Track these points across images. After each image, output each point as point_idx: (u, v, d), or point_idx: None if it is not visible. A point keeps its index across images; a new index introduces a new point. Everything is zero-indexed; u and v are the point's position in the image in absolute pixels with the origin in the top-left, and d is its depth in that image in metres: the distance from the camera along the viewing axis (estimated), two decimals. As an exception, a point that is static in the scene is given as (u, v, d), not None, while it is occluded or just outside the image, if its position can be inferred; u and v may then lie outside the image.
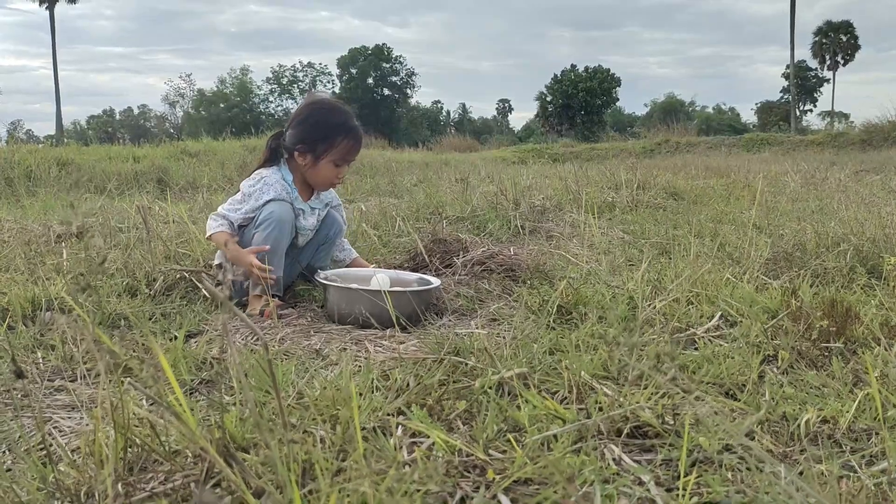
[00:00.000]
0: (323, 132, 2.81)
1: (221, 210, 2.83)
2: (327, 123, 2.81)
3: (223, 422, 1.38)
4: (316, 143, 2.80)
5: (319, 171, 2.84)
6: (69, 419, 1.68)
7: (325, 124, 2.81)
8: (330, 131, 2.81)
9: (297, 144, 2.80)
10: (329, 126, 2.81)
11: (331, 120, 2.82)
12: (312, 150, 2.80)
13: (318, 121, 2.81)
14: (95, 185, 7.76)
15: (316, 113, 2.84)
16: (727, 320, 2.24)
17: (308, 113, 2.84)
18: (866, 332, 1.90)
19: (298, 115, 2.86)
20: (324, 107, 2.87)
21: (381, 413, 1.54)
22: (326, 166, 2.83)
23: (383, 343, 2.28)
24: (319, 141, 2.80)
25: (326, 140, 2.80)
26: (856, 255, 2.83)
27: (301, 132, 2.81)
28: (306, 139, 2.80)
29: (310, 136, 2.80)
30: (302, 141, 2.80)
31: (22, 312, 2.49)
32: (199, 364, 2.07)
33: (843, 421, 1.41)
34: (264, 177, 2.82)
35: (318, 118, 2.82)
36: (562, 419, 1.43)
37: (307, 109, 2.86)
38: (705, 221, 4.53)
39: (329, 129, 2.81)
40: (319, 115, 2.83)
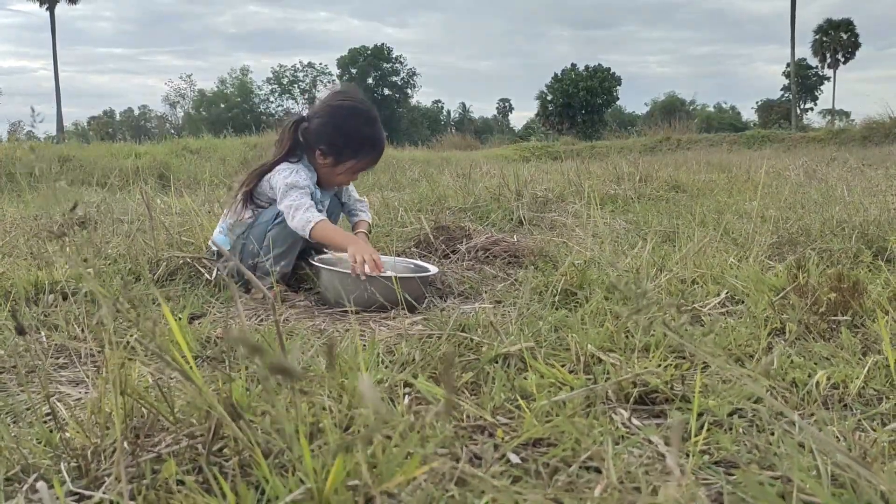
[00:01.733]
0: (351, 142, 2.74)
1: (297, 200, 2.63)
2: (358, 134, 2.74)
3: (230, 389, 1.38)
4: (342, 151, 2.74)
5: (336, 174, 2.80)
6: (75, 392, 1.67)
7: (356, 134, 2.74)
8: (359, 144, 2.75)
9: (322, 145, 2.73)
10: (359, 138, 2.75)
11: (362, 132, 2.75)
12: (336, 155, 2.74)
13: (350, 130, 2.73)
14: (97, 180, 7.75)
15: (349, 120, 2.73)
16: (733, 298, 2.24)
17: (340, 118, 2.73)
18: (874, 305, 1.89)
19: (329, 112, 2.75)
20: (357, 114, 2.75)
21: (387, 383, 1.54)
22: (345, 172, 2.80)
23: (388, 323, 2.27)
24: (345, 149, 2.74)
25: (353, 151, 2.75)
26: (861, 237, 2.83)
27: (329, 135, 2.72)
28: (333, 143, 2.72)
29: (337, 142, 2.72)
30: (328, 143, 2.72)
31: (25, 295, 2.48)
32: (203, 343, 2.07)
33: (853, 386, 1.40)
34: (296, 170, 2.72)
35: (350, 127, 2.73)
36: (570, 386, 1.43)
37: (340, 113, 2.74)
38: (708, 212, 4.52)
39: (358, 142, 2.75)
40: (352, 123, 2.73)
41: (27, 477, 1.13)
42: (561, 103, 48.97)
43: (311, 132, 2.74)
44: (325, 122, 2.72)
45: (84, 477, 1.13)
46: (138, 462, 1.14)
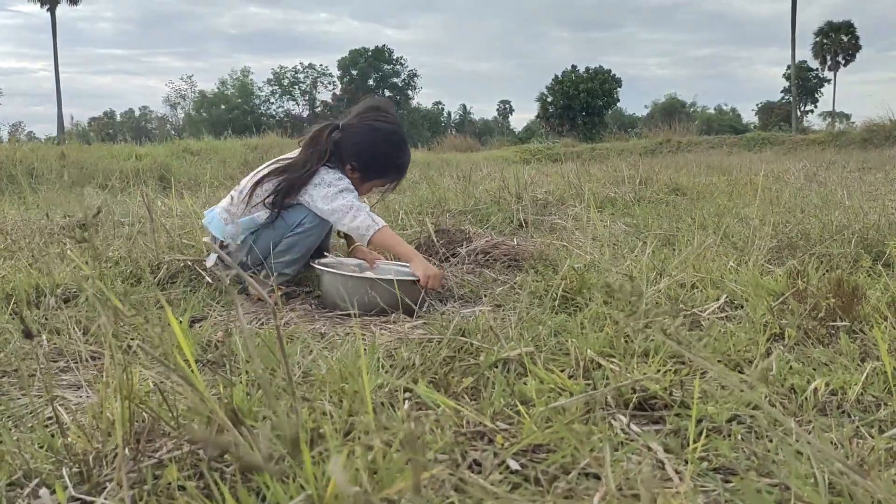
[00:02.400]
0: (382, 166, 2.81)
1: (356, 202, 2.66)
2: (389, 159, 2.81)
3: (231, 394, 1.38)
4: (370, 171, 2.80)
5: (361, 189, 2.83)
6: (76, 397, 1.68)
7: (388, 160, 2.81)
8: (388, 169, 2.84)
9: (354, 161, 2.77)
10: (390, 164, 2.82)
11: (394, 157, 2.82)
12: (364, 172, 2.80)
13: (383, 154, 2.80)
14: (98, 182, 7.76)
15: (385, 145, 2.79)
16: (732, 303, 2.24)
17: (378, 140, 2.78)
18: (873, 311, 1.90)
19: (367, 131, 2.78)
20: (393, 140, 2.81)
21: (387, 388, 1.54)
22: (367, 188, 2.87)
23: (389, 327, 2.28)
24: (375, 171, 2.81)
25: (381, 173, 2.83)
26: (860, 242, 2.83)
27: (363, 153, 2.77)
28: (364, 162, 2.78)
29: (368, 163, 2.78)
30: (359, 161, 2.77)
31: (26, 298, 2.49)
32: (204, 346, 2.07)
33: (851, 392, 1.41)
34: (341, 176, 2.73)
35: (384, 151, 2.79)
36: (569, 392, 1.43)
37: (378, 135, 2.78)
38: (708, 215, 4.52)
39: (388, 167, 2.83)
40: (387, 148, 2.80)
41: (29, 482, 1.14)
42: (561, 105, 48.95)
43: (347, 145, 2.76)
44: (362, 141, 2.76)
45: (86, 482, 1.14)
46: (140, 467, 1.15)
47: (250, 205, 2.75)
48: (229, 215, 2.80)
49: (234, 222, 2.77)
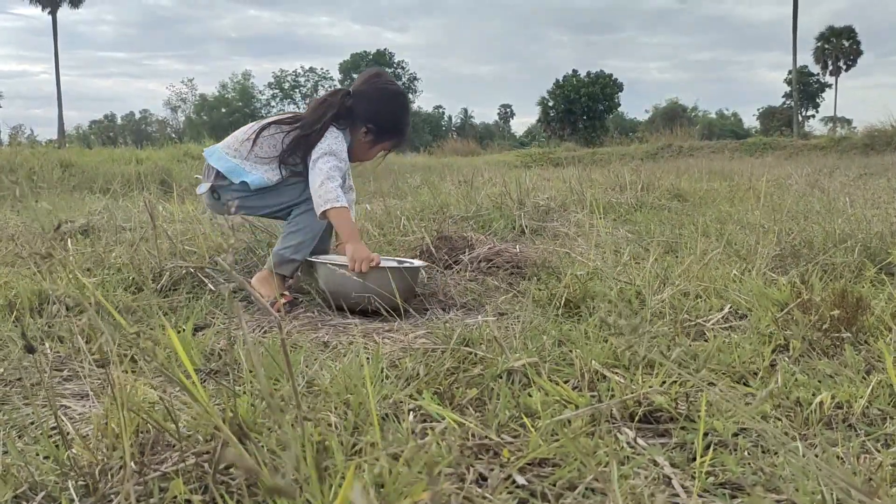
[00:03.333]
0: (395, 126, 2.92)
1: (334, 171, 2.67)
2: (401, 121, 2.93)
3: (235, 405, 1.38)
4: (384, 132, 2.89)
5: (370, 152, 2.96)
6: (80, 406, 1.68)
7: (400, 121, 2.93)
8: (400, 128, 2.94)
9: (369, 123, 2.85)
10: (401, 123, 2.94)
11: (404, 119, 2.95)
12: (377, 135, 2.89)
13: (395, 115, 2.91)
14: (99, 186, 7.76)
15: (398, 107, 2.92)
16: (736, 313, 2.24)
17: (390, 101, 2.90)
18: (877, 322, 1.90)
19: (379, 94, 2.87)
20: (403, 103, 2.95)
21: (392, 399, 1.54)
22: (377, 151, 2.96)
23: (391, 335, 2.28)
24: (388, 132, 2.91)
25: (393, 134, 2.93)
26: (864, 251, 2.83)
27: (376, 115, 2.85)
28: (378, 123, 2.86)
29: (382, 123, 2.87)
30: (375, 122, 2.86)
31: (29, 305, 2.49)
32: (207, 355, 2.07)
33: (857, 406, 1.40)
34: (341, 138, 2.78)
35: (396, 112, 2.91)
36: (574, 404, 1.43)
37: (389, 97, 2.90)
38: (710, 222, 4.52)
39: (400, 126, 2.94)
40: (399, 109, 2.93)
41: (35, 495, 1.14)
42: (562, 109, 48.97)
43: (361, 108, 2.83)
44: (376, 102, 2.85)
45: (91, 495, 1.13)
46: (145, 480, 1.14)
47: (253, 151, 2.78)
48: (234, 152, 2.82)
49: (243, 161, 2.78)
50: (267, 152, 2.79)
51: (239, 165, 2.77)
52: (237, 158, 2.79)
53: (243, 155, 2.79)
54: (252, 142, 2.78)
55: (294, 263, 2.76)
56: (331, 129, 2.77)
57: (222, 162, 2.80)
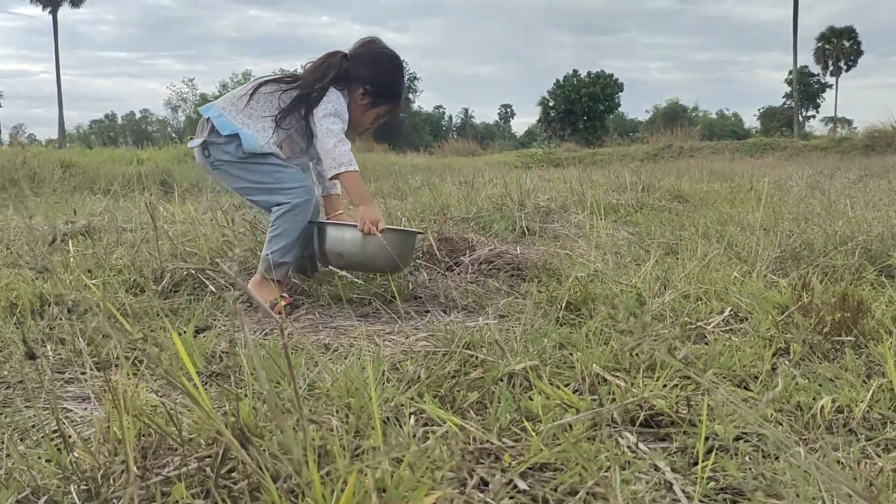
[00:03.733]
0: (391, 89, 2.92)
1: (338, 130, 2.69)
2: (397, 84, 2.94)
3: (237, 409, 1.38)
4: (380, 95, 2.88)
5: (366, 116, 2.92)
6: (81, 409, 1.68)
7: (396, 84, 2.94)
8: (396, 92, 2.95)
9: (368, 84, 2.84)
10: (398, 87, 2.95)
11: (400, 83, 2.96)
12: (374, 98, 2.87)
13: (392, 79, 2.92)
14: (100, 187, 7.76)
15: (395, 69, 2.93)
16: (737, 315, 2.24)
17: (387, 65, 2.91)
18: (878, 325, 1.90)
19: (376, 57, 2.88)
20: (399, 65, 2.95)
21: (393, 403, 1.54)
22: (372, 115, 2.93)
23: (393, 338, 2.28)
24: (384, 95, 2.89)
25: (389, 98, 2.92)
26: (864, 253, 2.83)
27: (374, 78, 2.85)
28: (376, 86, 2.85)
29: (379, 86, 2.86)
30: (373, 84, 2.85)
31: (30, 307, 2.49)
32: (209, 357, 2.07)
33: (857, 410, 1.40)
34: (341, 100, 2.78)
35: (394, 75, 2.92)
36: (575, 408, 1.43)
37: (386, 60, 2.91)
38: (711, 223, 4.53)
39: (396, 90, 2.94)
40: (396, 73, 2.94)
41: (37, 499, 1.14)
42: (563, 109, 48.90)
43: (359, 70, 2.83)
44: (373, 65, 2.86)
45: (94, 499, 1.14)
46: (147, 485, 1.15)
47: (249, 106, 2.75)
48: (230, 107, 2.78)
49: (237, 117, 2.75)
50: (262, 110, 2.76)
51: (232, 120, 2.74)
52: (232, 113, 2.76)
53: (239, 109, 2.75)
54: (249, 97, 2.76)
55: (284, 266, 2.73)
56: (331, 89, 2.76)
57: (214, 112, 2.76)
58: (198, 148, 2.82)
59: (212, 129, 2.75)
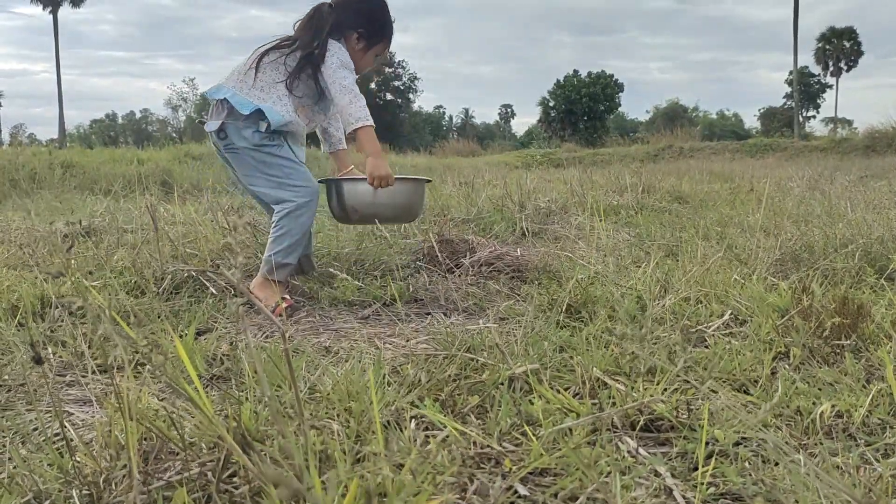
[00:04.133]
0: (383, 28, 2.96)
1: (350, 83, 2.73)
2: (385, 21, 2.97)
3: (239, 413, 1.39)
4: (374, 36, 2.93)
5: (366, 59, 2.97)
6: (82, 412, 1.68)
7: (384, 21, 2.97)
8: (386, 28, 2.98)
9: (360, 27, 2.88)
10: (386, 23, 2.98)
11: (387, 18, 2.99)
12: (369, 39, 2.92)
13: (381, 16, 2.95)
14: (100, 187, 7.77)
15: (381, 8, 2.95)
16: (737, 319, 2.25)
17: (373, 4, 2.94)
18: (878, 329, 1.90)
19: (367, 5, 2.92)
20: (384, 4, 2.97)
21: (394, 407, 1.55)
22: (370, 56, 2.98)
23: (393, 340, 2.29)
24: (377, 34, 2.94)
25: (381, 35, 2.96)
26: (864, 256, 2.83)
27: (363, 20, 2.89)
28: (367, 27, 2.90)
29: (370, 27, 2.91)
30: (366, 26, 2.89)
31: (32, 309, 2.49)
32: (210, 360, 2.08)
33: (857, 415, 1.41)
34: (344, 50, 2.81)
35: (382, 13, 2.96)
36: (576, 413, 1.43)
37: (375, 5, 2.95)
38: (711, 224, 4.53)
39: (385, 27, 2.98)
40: (384, 10, 2.96)
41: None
42: (563, 109, 48.90)
43: (349, 15, 2.86)
44: (361, 7, 2.90)
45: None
46: (149, 489, 1.15)
47: (259, 79, 2.74)
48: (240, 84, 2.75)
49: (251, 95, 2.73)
50: (272, 79, 2.76)
51: (247, 97, 2.71)
52: (244, 90, 2.72)
53: (249, 85, 2.73)
54: (255, 70, 2.75)
55: (287, 267, 2.73)
56: (330, 41, 2.78)
57: (228, 93, 2.72)
58: (214, 133, 2.79)
59: (230, 110, 2.72)
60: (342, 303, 2.82)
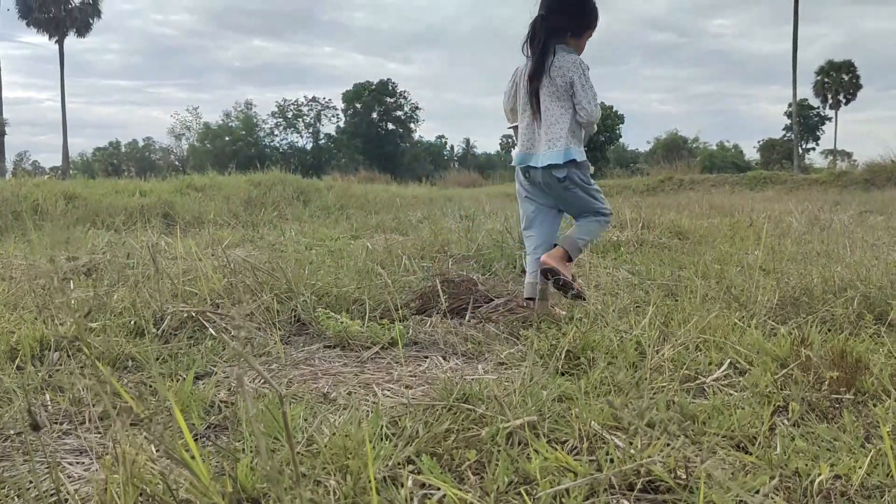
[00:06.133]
0: (593, 16, 3.25)
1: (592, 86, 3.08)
2: (593, 9, 3.25)
3: (235, 471, 1.38)
4: (590, 27, 3.24)
5: (583, 43, 3.25)
6: (78, 464, 1.68)
7: (593, 9, 3.25)
8: (596, 14, 3.27)
9: (588, 29, 3.22)
10: (595, 11, 3.26)
11: (594, 6, 3.26)
12: (585, 30, 3.23)
13: (589, 8, 3.22)
14: (102, 220, 7.79)
15: (591, 4, 3.22)
16: (736, 368, 2.24)
17: (587, 3, 3.21)
18: (876, 382, 1.90)
19: (579, 3, 3.20)
20: None
21: (391, 462, 1.54)
22: (586, 39, 3.27)
23: (391, 387, 2.28)
24: (591, 25, 3.25)
25: (594, 21, 3.26)
26: (863, 302, 2.83)
27: (588, 19, 3.21)
28: (591, 24, 3.23)
29: (586, 22, 3.22)
30: (580, 25, 3.19)
31: (31, 352, 2.49)
32: (208, 408, 2.07)
33: (855, 477, 1.40)
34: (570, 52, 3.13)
35: (593, 7, 3.23)
36: (573, 472, 1.43)
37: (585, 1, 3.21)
38: (710, 263, 4.53)
39: (595, 14, 3.26)
40: (591, 5, 3.22)
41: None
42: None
43: (564, 21, 3.14)
44: (579, 12, 3.21)
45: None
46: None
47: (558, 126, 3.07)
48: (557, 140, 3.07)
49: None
50: (561, 116, 3.08)
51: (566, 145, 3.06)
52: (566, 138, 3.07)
53: (563, 131, 3.07)
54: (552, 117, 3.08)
55: (580, 253, 3.22)
56: (559, 52, 3.08)
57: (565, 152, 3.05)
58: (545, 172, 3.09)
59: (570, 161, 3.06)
60: (340, 346, 2.81)
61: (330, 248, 5.62)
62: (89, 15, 45.94)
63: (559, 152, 3.02)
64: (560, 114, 3.05)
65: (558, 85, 3.03)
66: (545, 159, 3.05)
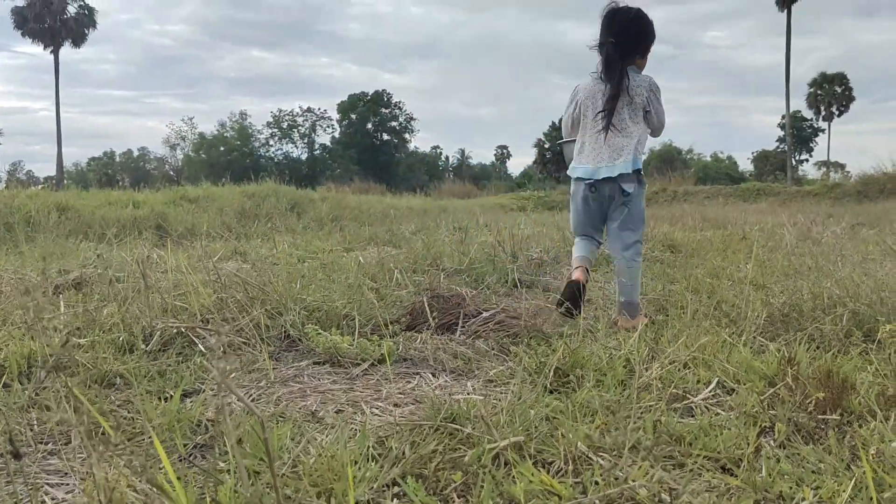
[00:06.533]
0: (652, 38, 3.47)
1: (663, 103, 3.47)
2: (652, 31, 3.46)
3: (217, 495, 1.38)
4: (649, 49, 3.48)
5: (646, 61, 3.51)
6: (61, 486, 1.67)
7: (652, 32, 3.46)
8: (654, 35, 3.48)
9: (650, 47, 3.46)
10: (653, 33, 3.47)
11: (652, 27, 3.46)
12: (648, 51, 3.48)
13: (649, 30, 3.43)
14: (94, 231, 7.78)
15: (643, 23, 3.41)
16: (724, 387, 2.24)
17: (639, 26, 3.39)
18: (862, 403, 1.90)
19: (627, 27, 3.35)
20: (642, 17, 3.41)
21: (375, 485, 1.54)
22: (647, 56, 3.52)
23: (379, 405, 2.28)
24: (653, 41, 3.48)
25: (654, 38, 3.48)
26: (852, 319, 2.84)
27: (651, 39, 3.44)
28: (652, 42, 3.46)
29: (653, 40, 3.46)
30: (645, 49, 3.45)
31: (18, 369, 2.48)
32: (195, 427, 2.06)
33: (839, 501, 1.40)
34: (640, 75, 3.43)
35: (647, 26, 3.42)
36: (558, 495, 1.43)
37: (634, 23, 3.38)
38: (702, 277, 4.54)
39: (653, 35, 3.48)
40: (647, 25, 3.42)
41: None
42: (558, 151, 49.29)
43: (630, 47, 3.36)
44: (634, 34, 3.40)
45: None
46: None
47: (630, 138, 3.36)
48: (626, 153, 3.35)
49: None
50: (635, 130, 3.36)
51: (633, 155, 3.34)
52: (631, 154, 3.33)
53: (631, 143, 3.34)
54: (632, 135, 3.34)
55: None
56: (630, 73, 3.33)
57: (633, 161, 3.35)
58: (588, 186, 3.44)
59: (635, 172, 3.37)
60: (330, 362, 2.81)
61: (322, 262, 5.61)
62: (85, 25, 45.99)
63: (627, 163, 3.31)
64: (633, 129, 3.34)
65: (636, 103, 3.34)
66: (617, 170, 3.33)
